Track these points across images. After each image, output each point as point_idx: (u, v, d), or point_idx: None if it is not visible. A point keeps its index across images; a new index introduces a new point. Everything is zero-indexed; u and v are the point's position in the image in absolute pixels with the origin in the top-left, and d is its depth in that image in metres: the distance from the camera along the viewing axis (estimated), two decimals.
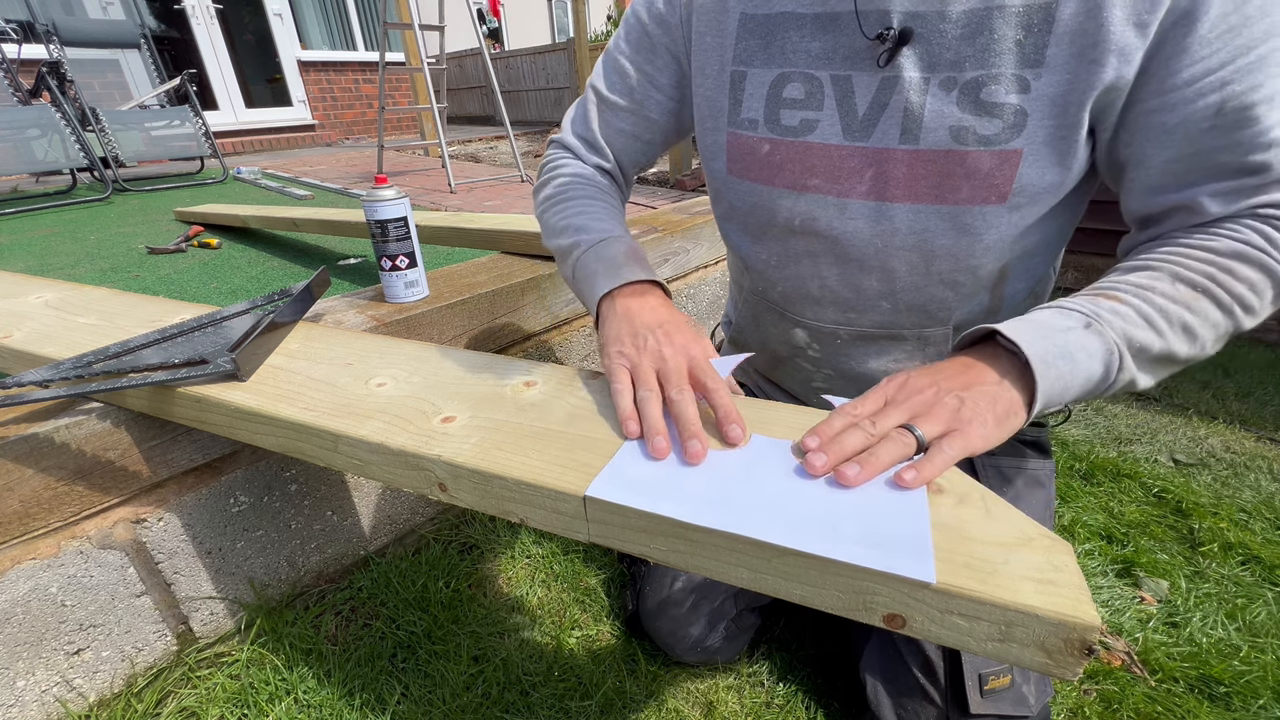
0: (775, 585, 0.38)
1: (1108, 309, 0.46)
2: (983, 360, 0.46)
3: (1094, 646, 0.31)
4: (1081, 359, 0.44)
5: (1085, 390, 0.45)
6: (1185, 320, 0.46)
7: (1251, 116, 0.44)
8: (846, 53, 0.54)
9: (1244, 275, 0.46)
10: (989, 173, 0.51)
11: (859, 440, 0.43)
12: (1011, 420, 0.44)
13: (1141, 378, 0.47)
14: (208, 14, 4.61)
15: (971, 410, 0.43)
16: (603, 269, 0.62)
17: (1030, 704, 0.66)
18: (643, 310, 0.57)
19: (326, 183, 2.83)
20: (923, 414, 0.44)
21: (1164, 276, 0.47)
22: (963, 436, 0.42)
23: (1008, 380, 0.45)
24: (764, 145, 0.60)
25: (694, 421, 0.47)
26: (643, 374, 0.52)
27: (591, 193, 0.70)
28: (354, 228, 1.40)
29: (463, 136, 5.47)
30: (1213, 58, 0.44)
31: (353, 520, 1.00)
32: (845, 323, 0.65)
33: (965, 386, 0.44)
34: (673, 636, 0.82)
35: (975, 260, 0.56)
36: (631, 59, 0.68)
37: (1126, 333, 0.45)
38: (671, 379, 0.50)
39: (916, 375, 0.47)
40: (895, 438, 0.42)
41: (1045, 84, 0.48)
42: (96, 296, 0.88)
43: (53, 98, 2.51)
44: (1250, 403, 1.57)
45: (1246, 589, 0.99)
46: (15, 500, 0.70)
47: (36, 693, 0.74)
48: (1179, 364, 0.48)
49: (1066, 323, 0.46)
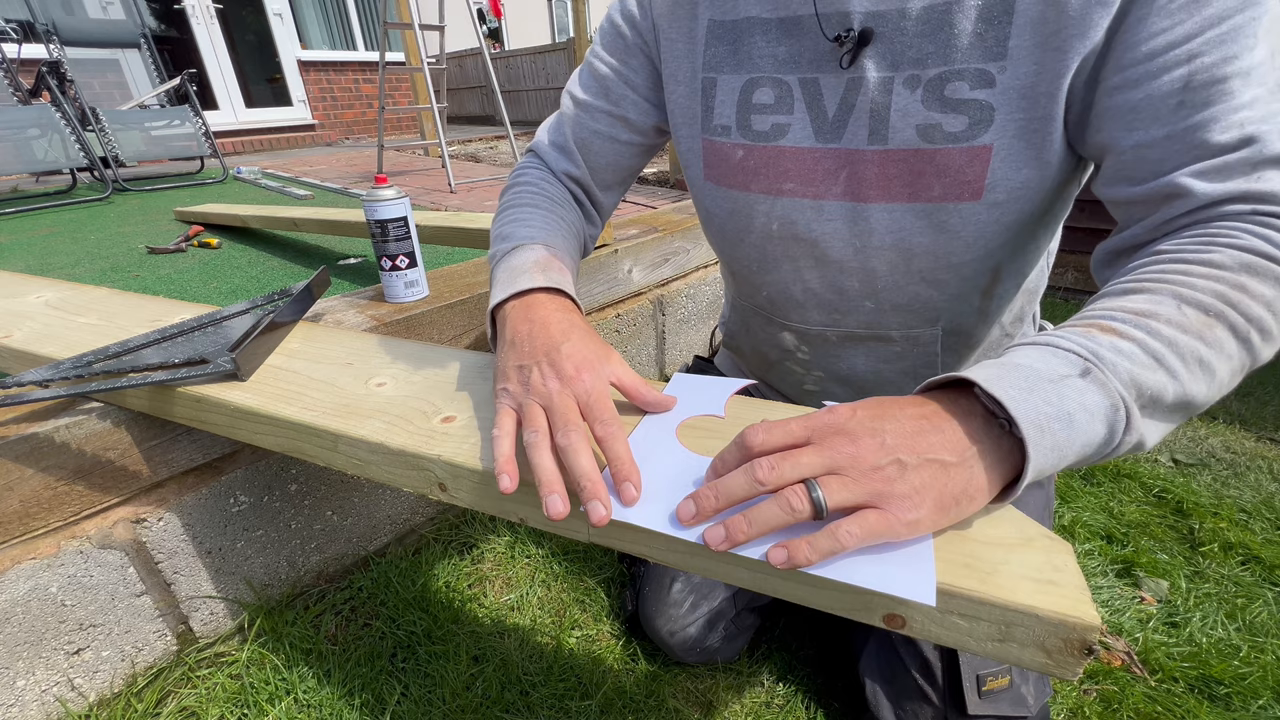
0: (775, 586, 0.38)
1: (1108, 346, 0.36)
2: (954, 416, 0.36)
3: (1094, 646, 0.31)
4: (1081, 420, 0.34)
5: (1084, 457, 0.36)
6: (1201, 354, 0.37)
7: (1225, 90, 0.39)
8: (812, 56, 0.54)
9: (1258, 293, 0.38)
10: (960, 169, 0.50)
11: (743, 489, 0.36)
12: (962, 506, 0.35)
13: (1151, 436, 0.37)
14: (208, 14, 4.61)
15: (909, 485, 0.34)
16: (501, 278, 0.56)
17: (1029, 704, 0.66)
18: (531, 330, 0.50)
19: (326, 183, 2.83)
20: (844, 471, 0.35)
21: (1166, 300, 0.38)
22: (882, 519, 0.33)
23: (976, 450, 0.35)
24: (737, 151, 0.60)
25: (587, 474, 0.40)
26: (529, 414, 0.45)
27: (534, 200, 0.66)
28: (354, 228, 1.40)
29: (463, 136, 5.47)
30: (1176, 29, 0.40)
31: (353, 520, 1.00)
32: (831, 324, 0.64)
33: (916, 450, 0.35)
34: (672, 636, 0.82)
35: (956, 258, 0.55)
36: (606, 61, 0.67)
37: (1135, 378, 0.36)
38: (557, 420, 0.43)
39: (863, 415, 0.37)
40: (786, 498, 0.34)
41: (1011, 77, 0.46)
42: (96, 296, 0.88)
43: (53, 97, 2.52)
44: (1250, 403, 1.57)
45: (1246, 589, 0.99)
46: (15, 500, 0.70)
47: (36, 692, 0.74)
48: (1196, 409, 0.39)
49: (1058, 368, 0.36)
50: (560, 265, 0.58)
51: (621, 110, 0.68)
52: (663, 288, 1.55)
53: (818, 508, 0.34)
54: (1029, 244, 0.57)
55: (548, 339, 0.49)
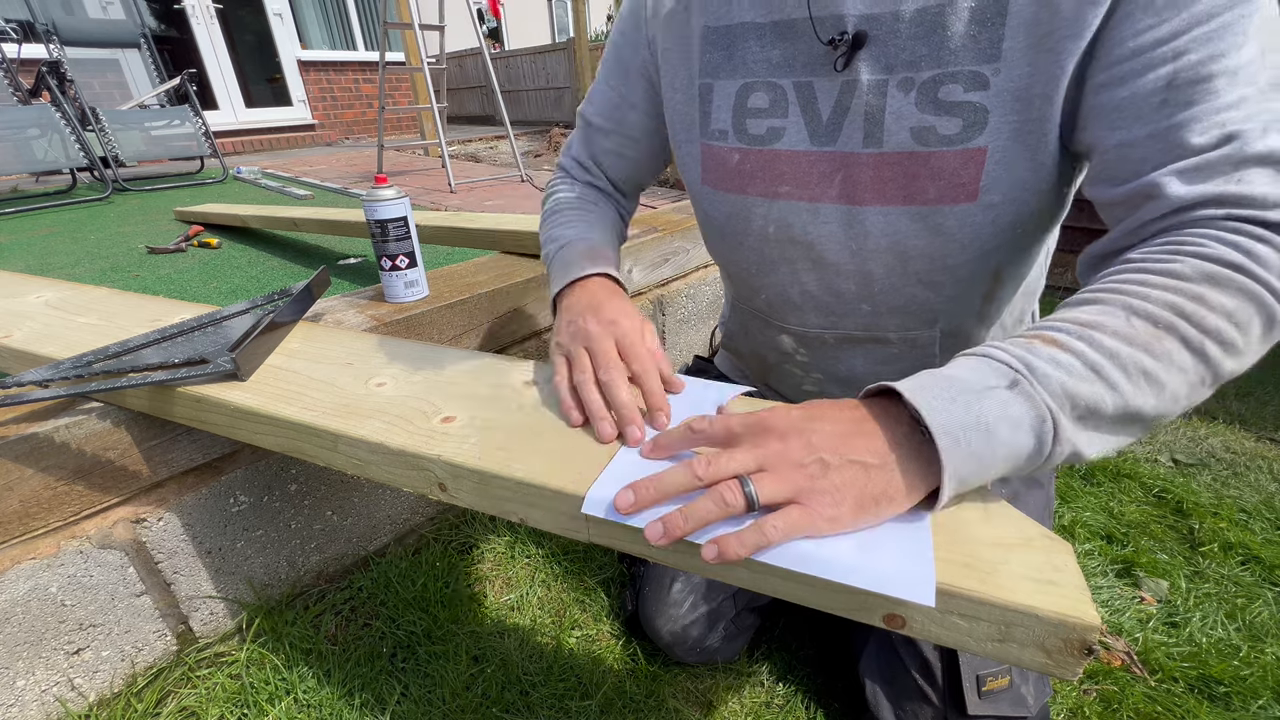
0: (775, 586, 0.38)
1: (1045, 358, 0.37)
2: (881, 422, 0.38)
3: (1094, 646, 0.31)
4: (1002, 431, 0.35)
5: (1012, 468, 0.37)
6: (1145, 366, 0.36)
7: (1210, 89, 0.38)
8: (806, 59, 0.54)
9: (1217, 304, 0.37)
10: (954, 172, 0.50)
11: (681, 483, 0.38)
12: (881, 507, 0.37)
13: (1090, 446, 0.37)
14: (208, 14, 4.61)
15: (829, 483, 0.36)
16: (556, 273, 0.65)
17: (1029, 704, 0.66)
18: (580, 298, 0.60)
19: (326, 182, 2.83)
20: (774, 469, 0.37)
21: (1116, 311, 0.38)
22: (803, 512, 0.36)
23: (895, 455, 0.37)
24: (734, 155, 0.61)
25: (625, 405, 0.48)
26: (576, 359, 0.54)
27: (571, 204, 0.75)
28: (354, 227, 1.40)
29: (463, 136, 5.47)
30: (1163, 26, 0.39)
31: (353, 520, 1.00)
32: (829, 326, 0.65)
33: (839, 452, 0.37)
34: (672, 636, 0.82)
35: (952, 260, 0.55)
36: (609, 82, 0.72)
37: (1068, 389, 0.36)
38: (599, 360, 0.52)
39: (796, 417, 0.39)
40: (720, 493, 0.37)
41: (1005, 79, 0.46)
42: (96, 296, 0.88)
43: (53, 97, 2.51)
44: (1250, 403, 1.57)
45: (1246, 589, 0.99)
46: (15, 500, 0.70)
47: (36, 692, 0.74)
48: (1148, 422, 0.38)
49: (986, 379, 0.37)
50: (604, 253, 0.66)
51: (626, 130, 0.73)
52: (663, 288, 1.55)
53: (750, 501, 0.36)
54: (1027, 245, 0.56)
55: (591, 300, 0.59)
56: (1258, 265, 0.37)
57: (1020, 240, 0.55)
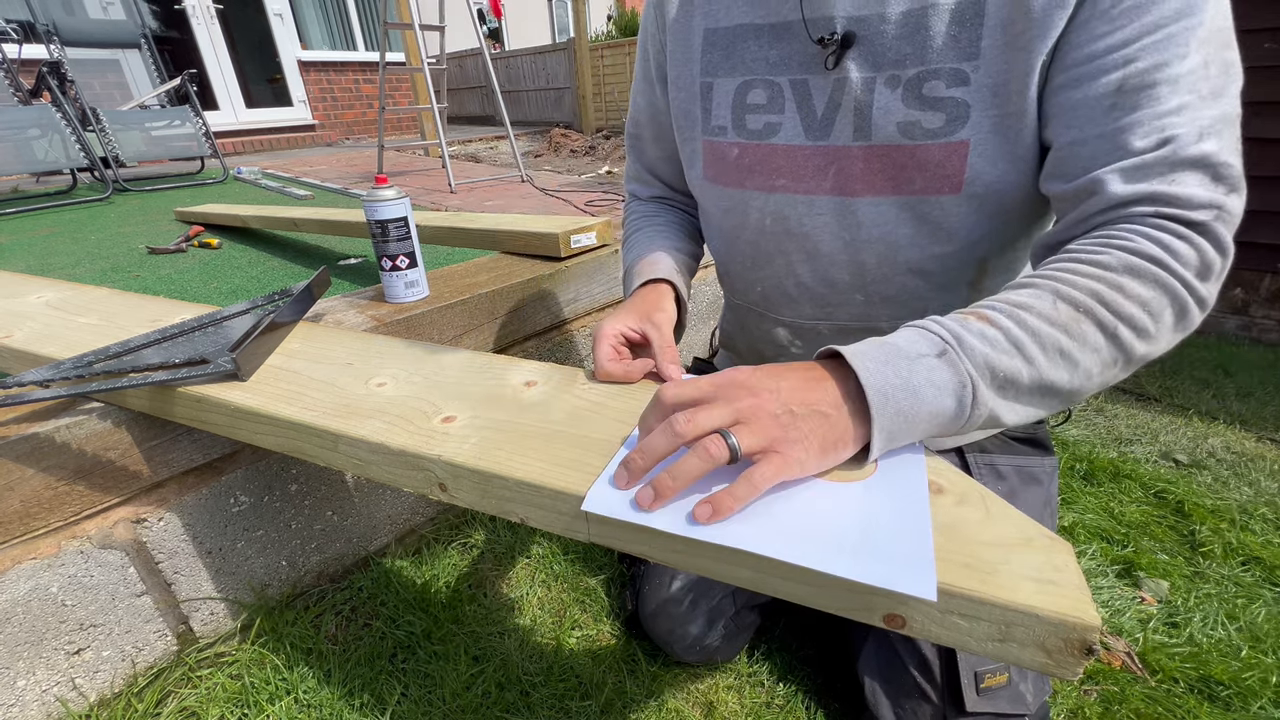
0: (775, 585, 0.38)
1: (975, 332, 0.41)
2: (833, 377, 0.42)
3: (1094, 647, 0.31)
4: (927, 393, 0.40)
5: (937, 427, 0.41)
6: (1062, 345, 0.41)
7: (1154, 95, 0.42)
8: (800, 58, 0.57)
9: (1134, 293, 0.41)
10: (939, 164, 0.53)
11: (664, 444, 0.40)
12: (839, 450, 0.40)
13: (1009, 413, 0.42)
14: (208, 14, 4.61)
15: (799, 431, 0.39)
16: (628, 291, 0.72)
17: (1027, 702, 0.66)
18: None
19: (326, 183, 2.83)
20: (748, 421, 0.39)
21: (1045, 295, 0.42)
22: (781, 459, 0.38)
23: (846, 407, 0.41)
24: (733, 149, 0.64)
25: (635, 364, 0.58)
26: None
27: (637, 225, 0.80)
28: (354, 228, 1.40)
29: (463, 136, 5.47)
30: (1115, 34, 0.43)
31: (353, 520, 1.00)
32: (823, 317, 0.66)
33: (804, 403, 0.40)
34: (672, 635, 0.82)
35: (940, 249, 0.57)
36: (641, 90, 0.76)
37: (990, 361, 0.40)
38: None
39: (761, 374, 0.42)
40: (705, 447, 0.38)
41: (984, 75, 0.49)
42: (97, 296, 0.88)
43: (53, 98, 2.51)
44: (1250, 403, 1.57)
45: (1247, 590, 0.99)
46: (16, 500, 0.70)
47: (37, 692, 0.74)
48: (1063, 396, 0.43)
49: (919, 348, 0.41)
50: (656, 264, 0.71)
51: (665, 135, 0.76)
52: None
53: (733, 452, 0.38)
54: (1012, 237, 0.58)
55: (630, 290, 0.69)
56: (1175, 260, 0.41)
57: (1005, 231, 0.57)
